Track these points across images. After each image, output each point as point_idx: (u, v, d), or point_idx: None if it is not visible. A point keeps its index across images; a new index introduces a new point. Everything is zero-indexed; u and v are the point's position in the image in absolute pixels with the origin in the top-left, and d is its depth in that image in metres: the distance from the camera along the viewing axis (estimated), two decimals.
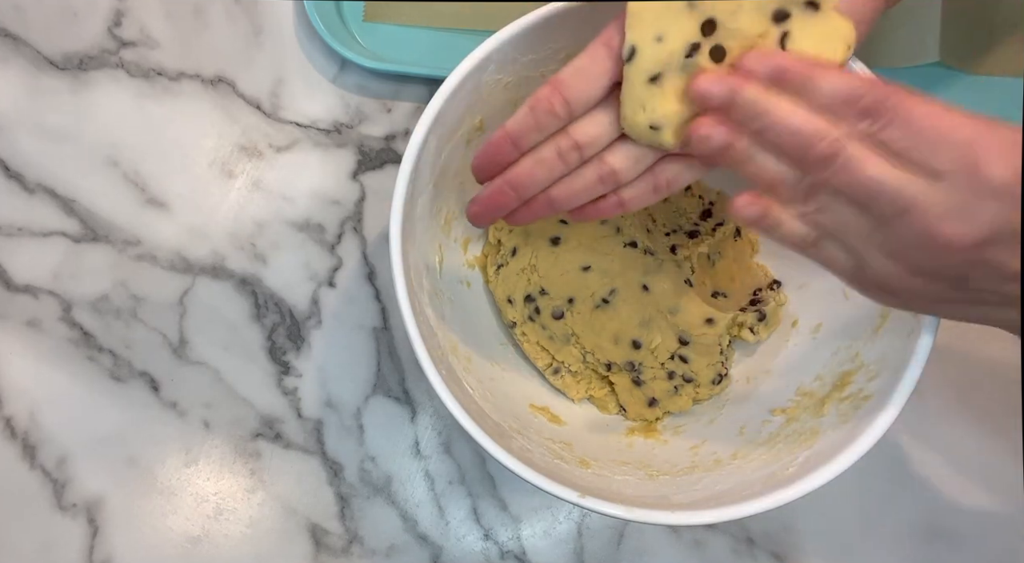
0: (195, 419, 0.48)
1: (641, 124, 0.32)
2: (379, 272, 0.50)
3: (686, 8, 0.31)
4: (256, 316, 0.49)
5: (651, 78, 0.31)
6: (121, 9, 0.52)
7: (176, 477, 0.47)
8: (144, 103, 0.51)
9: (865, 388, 0.38)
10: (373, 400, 0.48)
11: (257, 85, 0.51)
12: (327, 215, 0.50)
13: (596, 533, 0.47)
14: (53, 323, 0.49)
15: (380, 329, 0.49)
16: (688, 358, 0.45)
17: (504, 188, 0.34)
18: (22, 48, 0.51)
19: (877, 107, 0.27)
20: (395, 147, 0.51)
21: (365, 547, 0.47)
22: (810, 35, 0.31)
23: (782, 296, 0.46)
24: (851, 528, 0.47)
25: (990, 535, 0.47)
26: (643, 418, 0.46)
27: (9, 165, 0.50)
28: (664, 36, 0.31)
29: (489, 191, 0.35)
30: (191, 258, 0.49)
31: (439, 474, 0.48)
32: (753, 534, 0.47)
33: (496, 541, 0.47)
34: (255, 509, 0.47)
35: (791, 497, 0.34)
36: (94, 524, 0.47)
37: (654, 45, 0.31)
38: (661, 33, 0.31)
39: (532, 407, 0.44)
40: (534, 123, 0.33)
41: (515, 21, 0.37)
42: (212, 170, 0.50)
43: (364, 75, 0.51)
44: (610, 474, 0.39)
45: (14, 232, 0.50)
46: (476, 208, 0.36)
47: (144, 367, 0.48)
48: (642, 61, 0.31)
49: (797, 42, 0.31)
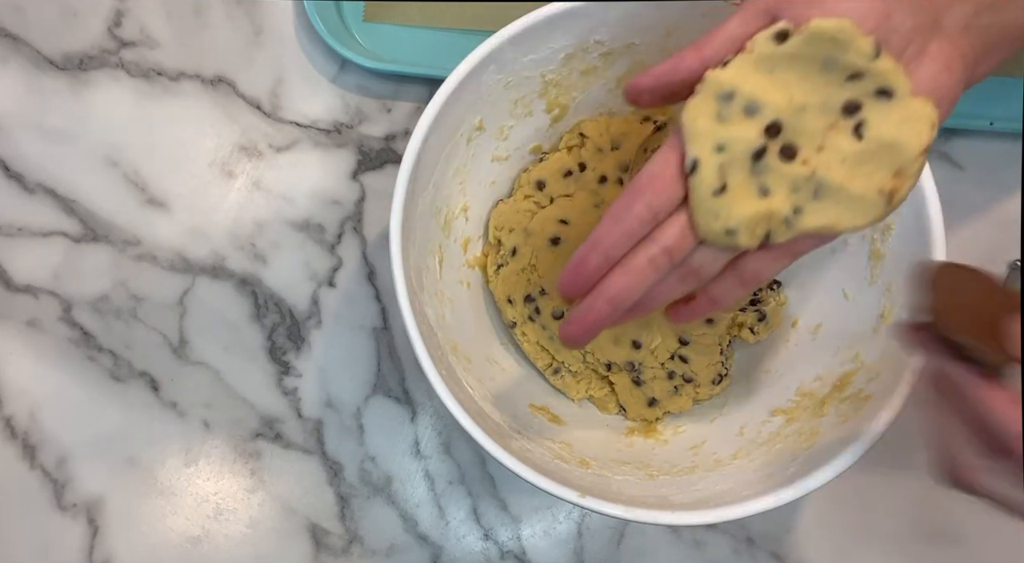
0: (195, 419, 0.48)
1: (716, 231, 0.31)
2: (379, 272, 0.50)
3: (743, 113, 0.30)
4: (256, 316, 0.49)
5: (717, 190, 0.30)
6: (121, 9, 0.52)
7: (176, 477, 0.47)
8: (144, 103, 0.51)
9: (865, 388, 0.38)
10: (373, 400, 0.48)
11: (257, 85, 0.51)
12: (327, 215, 0.50)
13: (596, 533, 0.47)
14: (53, 323, 0.49)
15: (380, 329, 0.49)
16: (688, 358, 0.45)
17: (598, 304, 0.32)
18: (22, 48, 0.51)
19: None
20: (395, 147, 0.51)
21: (365, 547, 0.47)
22: (888, 121, 0.30)
23: (782, 296, 0.46)
24: (851, 528, 0.47)
25: (990, 535, 0.47)
26: (643, 418, 0.46)
27: (9, 165, 0.50)
28: (725, 145, 0.30)
29: (584, 309, 0.32)
30: (191, 258, 0.49)
31: (439, 474, 0.48)
32: (753, 534, 0.47)
33: (496, 541, 0.47)
34: (255, 509, 0.47)
35: (791, 497, 0.34)
36: (94, 524, 0.47)
37: (715, 155, 0.30)
38: (721, 143, 0.30)
39: (532, 407, 0.44)
40: (622, 231, 0.31)
41: (515, 21, 0.37)
42: (212, 170, 0.50)
43: (364, 75, 0.51)
44: (610, 474, 0.39)
45: (14, 232, 0.50)
46: (573, 329, 0.33)
47: (144, 367, 0.48)
48: (705, 175, 0.30)
49: (875, 129, 0.30)
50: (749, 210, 0.31)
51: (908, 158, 0.31)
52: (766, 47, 0.30)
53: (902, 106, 0.30)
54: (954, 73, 0.31)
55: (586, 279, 0.32)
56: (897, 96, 0.30)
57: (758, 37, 0.30)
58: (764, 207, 0.31)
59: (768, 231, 0.31)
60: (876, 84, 0.30)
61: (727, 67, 0.31)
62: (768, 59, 0.30)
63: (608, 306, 0.32)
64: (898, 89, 0.30)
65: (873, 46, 0.30)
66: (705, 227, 0.31)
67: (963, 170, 0.51)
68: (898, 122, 0.30)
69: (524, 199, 0.47)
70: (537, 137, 0.46)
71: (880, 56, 0.30)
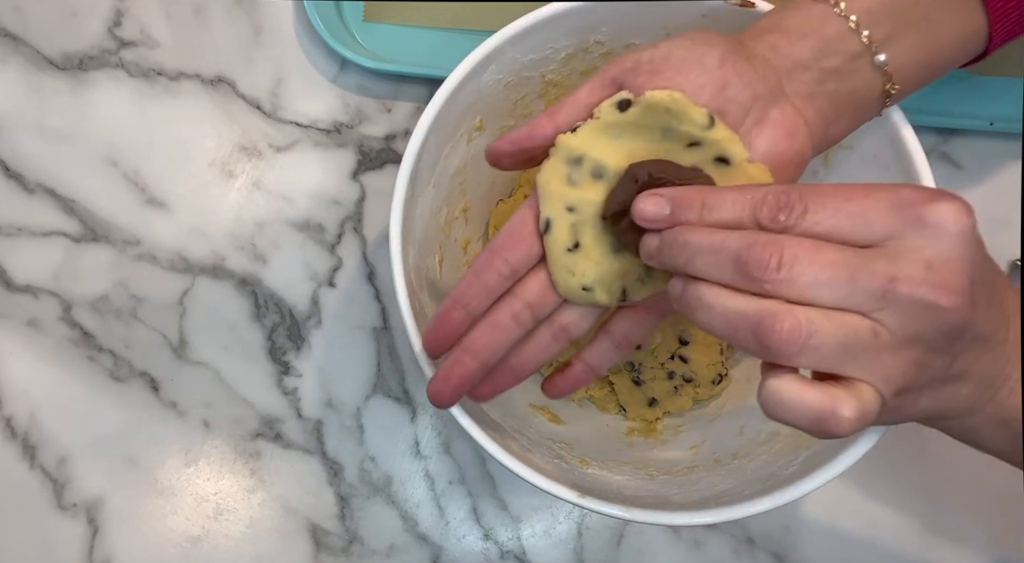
0: (195, 419, 0.48)
1: (573, 287, 0.32)
2: (379, 272, 0.50)
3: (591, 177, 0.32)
4: (256, 316, 0.49)
5: (570, 247, 0.32)
6: (121, 9, 0.52)
7: (176, 477, 0.47)
8: (144, 103, 0.51)
9: None
10: (373, 400, 0.48)
11: (257, 85, 0.51)
12: (327, 215, 0.50)
13: (596, 533, 0.47)
14: (53, 323, 0.49)
15: (380, 329, 0.49)
16: (688, 358, 0.45)
17: (464, 358, 0.32)
18: (22, 48, 0.51)
19: (785, 200, 0.26)
20: (395, 147, 0.51)
21: (365, 547, 0.47)
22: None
23: None
24: (851, 528, 0.47)
25: (990, 535, 0.47)
26: (643, 418, 0.46)
27: (9, 165, 0.50)
28: (576, 207, 0.32)
29: (449, 364, 0.33)
30: (191, 258, 0.49)
31: (439, 474, 0.48)
32: (753, 534, 0.47)
33: (496, 541, 0.47)
34: (255, 509, 0.47)
35: (791, 497, 0.34)
36: (94, 524, 0.47)
37: (567, 215, 0.32)
38: (572, 205, 0.32)
39: (532, 407, 0.44)
40: (482, 285, 0.32)
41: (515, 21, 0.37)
42: (212, 170, 0.50)
43: (364, 75, 0.51)
44: (610, 474, 0.39)
45: (14, 232, 0.50)
46: (437, 385, 0.33)
47: (144, 367, 0.48)
48: (558, 234, 0.32)
49: None
50: (603, 267, 0.32)
51: None
52: (610, 115, 0.32)
53: (739, 173, 0.31)
54: (797, 138, 0.32)
55: (448, 333, 0.33)
56: (734, 163, 0.31)
57: (603, 105, 0.32)
58: (617, 265, 0.32)
59: (624, 288, 0.32)
60: (713, 152, 0.31)
61: (576, 133, 0.32)
62: (613, 126, 0.32)
63: (474, 361, 0.32)
64: (734, 157, 0.31)
65: (706, 117, 0.31)
66: (564, 284, 0.32)
67: (963, 170, 0.51)
68: None
69: (524, 199, 0.47)
70: None
71: (714, 125, 0.31)
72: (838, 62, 0.32)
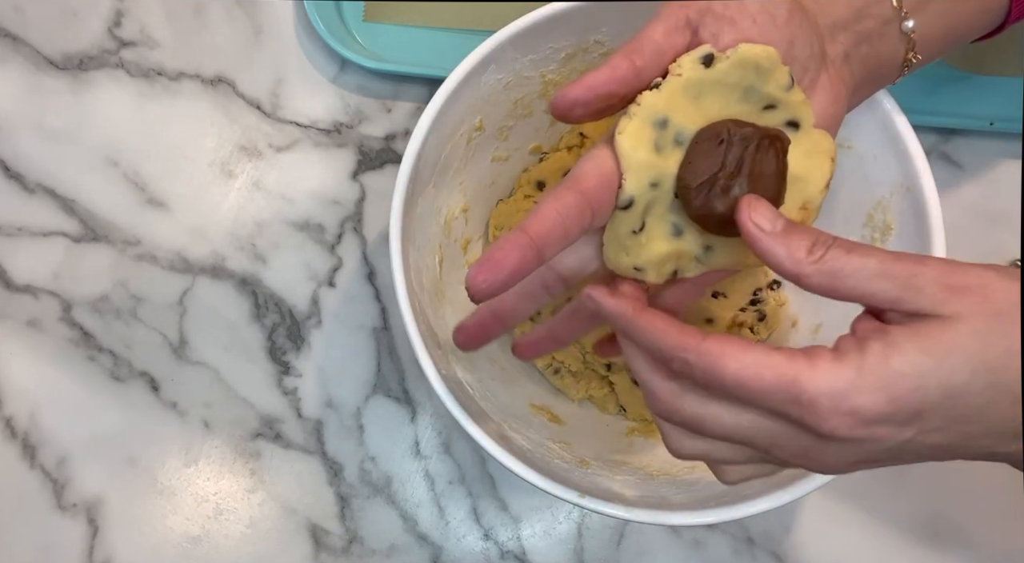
0: (195, 419, 0.48)
1: (624, 266, 0.31)
2: (379, 272, 0.50)
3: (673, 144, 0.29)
4: (256, 316, 0.49)
5: (636, 230, 0.30)
6: (121, 9, 0.52)
7: (176, 477, 0.47)
8: (144, 103, 0.51)
9: None
10: (373, 400, 0.48)
11: (257, 85, 0.51)
12: (327, 215, 0.50)
13: (596, 533, 0.47)
14: (53, 323, 0.49)
15: (380, 329, 0.49)
16: None
17: (489, 319, 0.35)
18: (22, 48, 0.51)
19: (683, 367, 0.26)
20: (395, 147, 0.51)
21: (365, 547, 0.47)
22: (794, 154, 0.30)
23: (782, 296, 0.46)
24: (851, 528, 0.47)
25: (991, 534, 0.47)
26: (643, 418, 0.46)
27: (9, 165, 0.50)
28: (659, 182, 0.30)
29: (475, 321, 0.35)
30: (191, 258, 0.49)
31: (439, 474, 0.48)
32: (753, 534, 0.47)
33: (496, 541, 0.47)
34: (255, 509, 0.47)
35: (791, 497, 0.34)
36: (94, 524, 0.47)
37: (648, 193, 0.30)
38: (656, 179, 0.29)
39: (532, 407, 0.44)
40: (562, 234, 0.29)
41: (515, 21, 0.37)
42: (212, 170, 0.50)
43: (364, 75, 0.51)
44: (610, 474, 0.39)
45: (14, 232, 0.50)
46: (463, 337, 0.35)
47: (144, 367, 0.48)
48: (633, 215, 0.30)
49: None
50: (660, 250, 0.31)
51: (813, 192, 0.31)
52: (693, 71, 0.29)
53: (806, 139, 0.30)
54: (840, 103, 0.31)
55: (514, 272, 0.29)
56: (803, 129, 0.30)
57: (683, 60, 0.29)
58: (675, 248, 0.31)
59: (676, 269, 0.32)
60: (787, 115, 0.30)
61: (660, 90, 0.29)
62: (696, 84, 0.29)
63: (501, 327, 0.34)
64: (804, 121, 0.30)
65: (789, 77, 0.29)
66: (614, 260, 0.31)
67: (963, 170, 0.51)
68: (803, 155, 0.30)
69: (524, 199, 0.47)
70: (537, 137, 0.46)
71: (793, 87, 0.29)
72: (871, 25, 0.31)
